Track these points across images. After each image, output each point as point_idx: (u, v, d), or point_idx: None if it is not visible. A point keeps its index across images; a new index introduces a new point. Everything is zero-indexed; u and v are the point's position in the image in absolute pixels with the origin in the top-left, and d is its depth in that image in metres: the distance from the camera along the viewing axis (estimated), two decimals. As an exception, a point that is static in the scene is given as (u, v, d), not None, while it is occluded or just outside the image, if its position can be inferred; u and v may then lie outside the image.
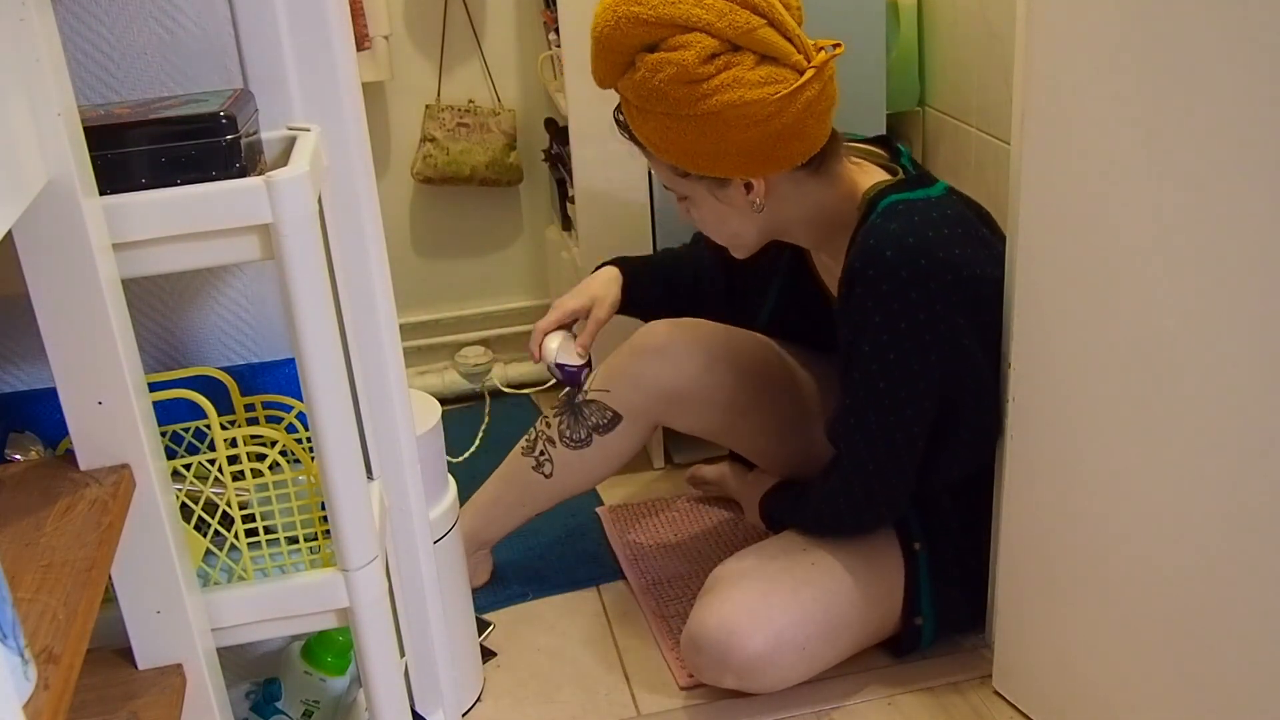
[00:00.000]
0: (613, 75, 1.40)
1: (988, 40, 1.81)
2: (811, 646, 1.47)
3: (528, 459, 1.69)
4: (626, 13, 1.33)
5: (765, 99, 1.32)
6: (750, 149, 1.36)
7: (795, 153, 1.39)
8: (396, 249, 2.34)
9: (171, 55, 1.02)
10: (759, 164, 1.39)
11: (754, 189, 1.44)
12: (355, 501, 0.94)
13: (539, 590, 1.78)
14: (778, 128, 1.34)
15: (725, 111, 1.32)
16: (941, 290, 1.36)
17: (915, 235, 1.36)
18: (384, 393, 1.19)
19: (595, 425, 1.64)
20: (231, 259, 0.87)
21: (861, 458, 1.44)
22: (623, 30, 1.33)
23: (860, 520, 1.50)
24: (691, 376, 1.61)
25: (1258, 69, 0.98)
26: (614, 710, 1.53)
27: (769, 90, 1.32)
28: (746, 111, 1.32)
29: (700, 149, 1.37)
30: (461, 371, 2.47)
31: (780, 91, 1.32)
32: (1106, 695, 1.31)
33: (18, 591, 0.68)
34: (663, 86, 1.33)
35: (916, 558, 1.51)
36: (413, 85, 2.31)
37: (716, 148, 1.37)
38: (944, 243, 1.36)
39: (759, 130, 1.34)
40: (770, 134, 1.35)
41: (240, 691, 1.16)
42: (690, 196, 1.49)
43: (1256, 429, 1.05)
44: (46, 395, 0.84)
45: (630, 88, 1.38)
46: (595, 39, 1.39)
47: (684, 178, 1.46)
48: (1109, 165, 1.15)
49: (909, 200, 1.41)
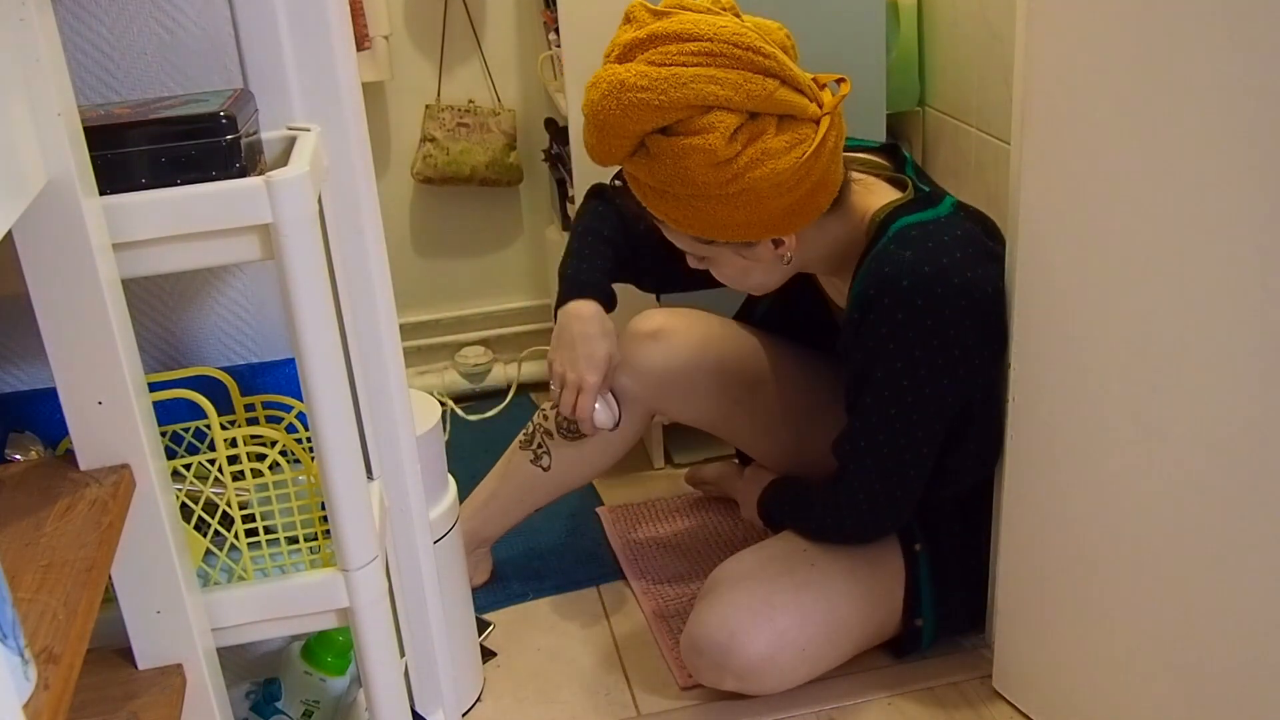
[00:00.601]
0: (618, 157, 1.36)
1: (988, 40, 1.81)
2: (812, 648, 1.47)
3: (525, 453, 1.69)
4: (634, 99, 1.27)
5: (795, 164, 1.30)
6: (785, 212, 1.35)
7: (824, 202, 1.39)
8: (396, 249, 2.34)
9: (171, 55, 1.02)
10: (793, 223, 1.38)
11: (784, 244, 1.42)
12: (355, 501, 0.94)
13: (539, 590, 1.78)
14: (809, 186, 1.34)
15: (759, 186, 1.30)
16: (956, 315, 1.35)
17: (930, 263, 1.34)
18: (384, 393, 1.19)
19: None
20: (231, 259, 0.87)
21: (870, 477, 1.44)
22: (631, 117, 1.28)
23: (863, 532, 1.50)
24: (685, 360, 1.61)
25: (1257, 69, 0.98)
26: (614, 710, 1.53)
27: (796, 154, 1.30)
28: (779, 181, 1.30)
29: (733, 221, 1.35)
30: (461, 371, 2.47)
31: (806, 152, 1.30)
32: (1106, 695, 1.31)
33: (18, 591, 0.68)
34: (689, 172, 1.29)
35: (917, 559, 1.51)
36: (413, 85, 2.31)
37: (750, 218, 1.34)
38: (958, 267, 1.35)
39: (792, 195, 1.33)
40: (803, 194, 1.34)
41: (240, 691, 1.16)
42: (712, 259, 1.47)
43: (1256, 429, 1.05)
44: (46, 395, 0.84)
45: (645, 171, 1.33)
46: (597, 124, 1.32)
47: (708, 244, 1.43)
48: (1109, 165, 1.15)
49: (920, 223, 1.39)
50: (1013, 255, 1.33)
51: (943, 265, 1.35)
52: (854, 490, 1.46)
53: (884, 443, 1.42)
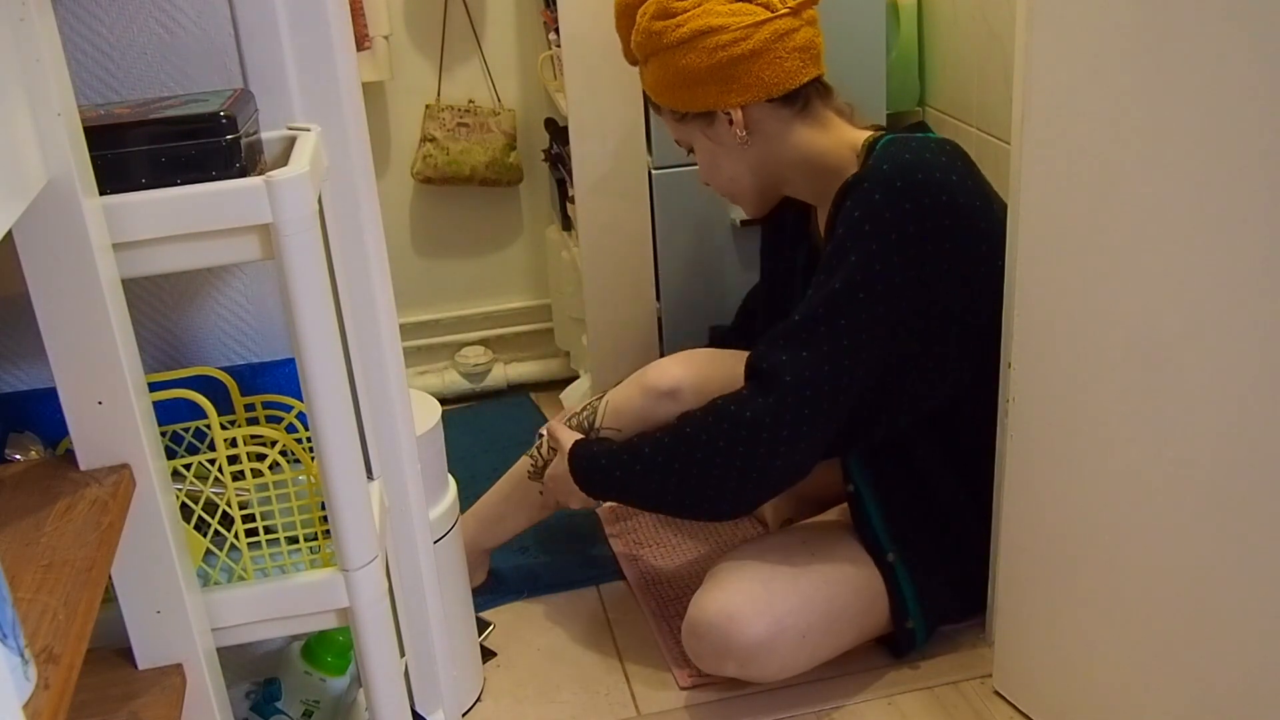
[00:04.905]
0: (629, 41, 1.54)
1: (988, 40, 1.81)
2: (813, 635, 1.47)
3: (534, 482, 1.68)
4: None
5: (730, 25, 1.44)
6: (719, 74, 1.46)
7: (766, 80, 1.46)
8: (396, 249, 2.34)
9: (171, 55, 1.02)
10: (730, 90, 1.47)
11: (734, 121, 1.50)
12: (355, 501, 0.94)
13: (538, 590, 1.78)
14: (744, 51, 1.44)
15: (695, 39, 1.45)
16: (935, 207, 1.37)
17: (913, 154, 1.40)
18: (384, 393, 1.19)
19: None
20: (231, 259, 0.87)
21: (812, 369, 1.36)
22: None
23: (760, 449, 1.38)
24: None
25: (1257, 69, 0.98)
26: (614, 710, 1.53)
27: (736, 19, 1.44)
28: (713, 37, 1.44)
29: (679, 81, 1.49)
30: (461, 371, 2.47)
31: (746, 20, 1.44)
32: (1106, 695, 1.31)
33: (18, 591, 0.68)
34: (647, 25, 1.48)
35: (893, 569, 1.51)
36: (413, 85, 2.31)
37: (691, 77, 1.47)
38: (942, 167, 1.40)
39: (725, 54, 1.44)
40: (736, 57, 1.44)
41: (240, 691, 1.16)
42: (692, 145, 1.58)
43: (1256, 428, 1.05)
44: (46, 395, 0.84)
45: (634, 46, 1.53)
46: (615, 13, 1.56)
47: (681, 122, 1.55)
48: (1109, 165, 1.15)
49: (907, 138, 1.45)
50: (1013, 255, 1.33)
51: (925, 159, 1.40)
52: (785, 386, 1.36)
53: (843, 328, 1.36)
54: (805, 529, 1.61)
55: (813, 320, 1.38)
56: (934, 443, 1.52)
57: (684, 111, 1.53)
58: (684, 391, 1.55)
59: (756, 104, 1.48)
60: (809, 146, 1.51)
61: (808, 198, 1.60)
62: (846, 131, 1.51)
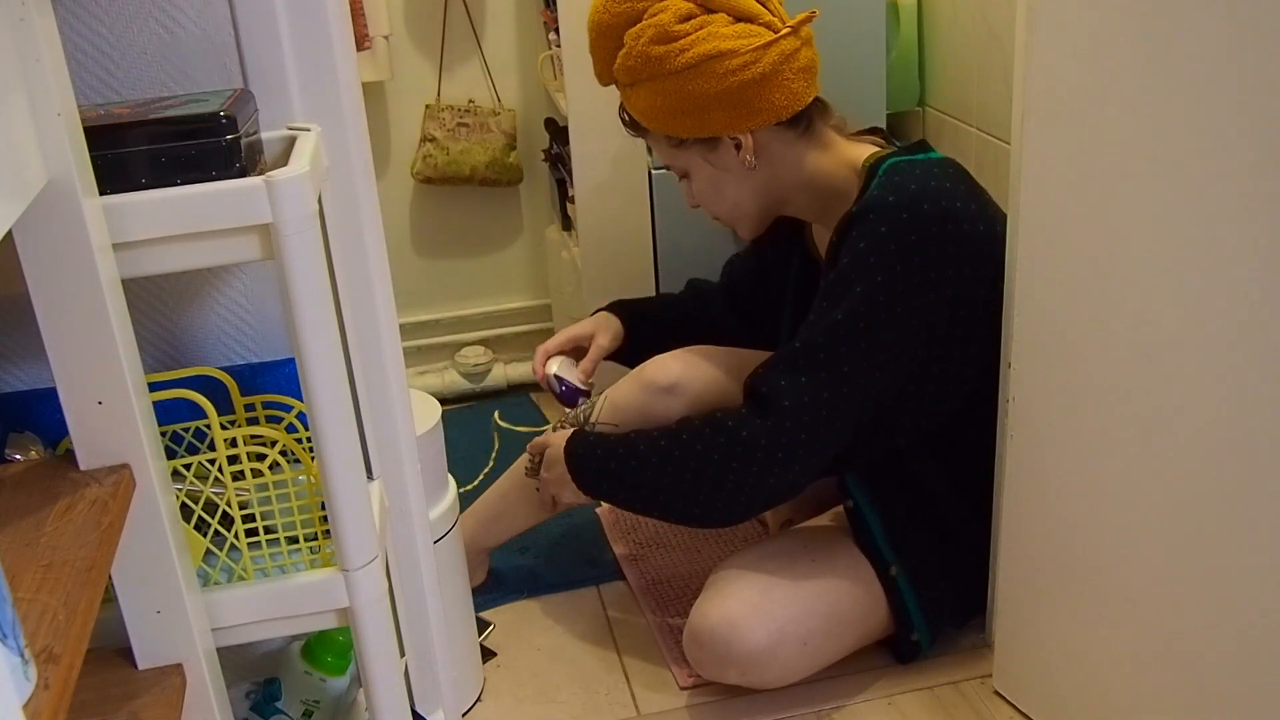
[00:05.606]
0: (609, 63, 1.47)
1: (988, 40, 1.81)
2: (814, 641, 1.47)
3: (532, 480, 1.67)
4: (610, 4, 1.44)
5: (739, 49, 1.39)
6: (730, 99, 1.42)
7: (777, 104, 1.43)
8: (396, 249, 2.34)
9: (171, 55, 1.02)
10: (741, 115, 1.44)
11: (743, 146, 1.47)
12: (355, 501, 0.94)
13: (538, 590, 1.78)
14: (755, 75, 1.40)
15: (702, 64, 1.39)
16: (941, 238, 1.37)
17: (918, 184, 1.39)
18: (384, 393, 1.19)
19: None
20: (231, 259, 0.87)
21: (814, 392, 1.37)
22: (610, 13, 1.44)
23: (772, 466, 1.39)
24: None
25: (1257, 69, 0.98)
26: (614, 710, 1.53)
27: (743, 42, 1.40)
28: (723, 62, 1.39)
29: (684, 107, 1.43)
30: (461, 371, 2.47)
31: (754, 43, 1.40)
32: (1106, 695, 1.31)
33: (18, 591, 0.68)
34: (644, 50, 1.41)
35: (895, 582, 1.51)
36: (413, 85, 2.31)
37: (699, 103, 1.42)
38: (947, 194, 1.39)
39: (736, 79, 1.40)
40: (747, 82, 1.40)
41: (240, 691, 1.16)
42: (689, 171, 1.53)
43: (1256, 428, 1.05)
44: (46, 395, 0.84)
45: (621, 69, 1.46)
46: (590, 33, 1.49)
47: (678, 148, 1.51)
48: (1109, 165, 1.15)
49: (911, 161, 1.44)
50: (1013, 255, 1.33)
51: (930, 187, 1.39)
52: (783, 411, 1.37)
53: (845, 356, 1.37)
54: (806, 533, 1.60)
55: (814, 348, 1.39)
56: (931, 454, 1.52)
57: (684, 137, 1.49)
58: (683, 387, 1.55)
59: (764, 128, 1.46)
60: (813, 168, 1.50)
61: (808, 217, 1.59)
62: (846, 150, 1.50)
